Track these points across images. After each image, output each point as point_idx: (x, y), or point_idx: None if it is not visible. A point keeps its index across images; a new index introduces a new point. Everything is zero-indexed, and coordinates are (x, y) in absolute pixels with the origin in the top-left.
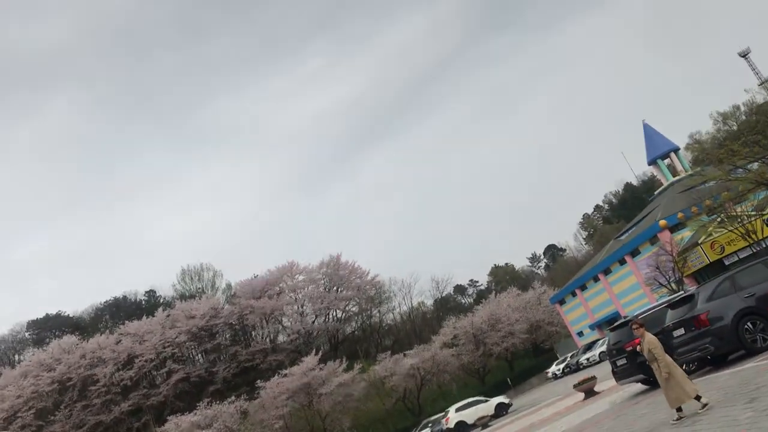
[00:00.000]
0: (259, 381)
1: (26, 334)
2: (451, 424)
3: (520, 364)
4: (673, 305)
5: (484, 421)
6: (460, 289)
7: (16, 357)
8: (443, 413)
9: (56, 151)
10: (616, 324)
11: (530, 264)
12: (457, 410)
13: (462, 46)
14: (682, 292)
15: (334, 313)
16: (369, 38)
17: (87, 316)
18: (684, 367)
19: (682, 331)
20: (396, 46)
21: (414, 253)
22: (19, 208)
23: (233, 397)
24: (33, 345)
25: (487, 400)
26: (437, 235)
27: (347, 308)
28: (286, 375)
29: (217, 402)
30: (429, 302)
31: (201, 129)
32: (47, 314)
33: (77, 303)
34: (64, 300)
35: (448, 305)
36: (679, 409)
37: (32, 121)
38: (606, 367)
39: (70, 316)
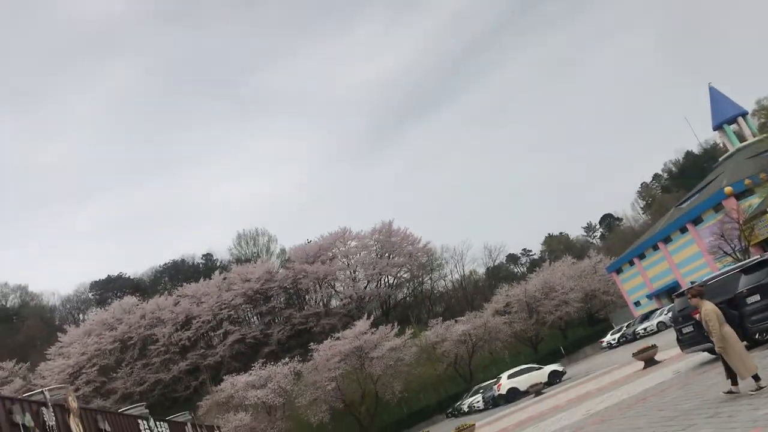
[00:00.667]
0: (312, 343)
1: (89, 294)
2: (503, 391)
3: (574, 333)
4: (747, 270)
5: (537, 389)
6: (512, 258)
7: (81, 316)
8: (495, 379)
9: (118, 120)
10: (682, 290)
11: (585, 233)
12: (510, 377)
13: (518, 11)
14: (758, 257)
15: (386, 279)
16: (423, 3)
17: (147, 278)
18: (758, 336)
19: (757, 297)
20: (450, 12)
21: (466, 222)
22: (83, 175)
23: (287, 359)
24: (96, 305)
25: (540, 368)
26: (490, 203)
27: (399, 275)
28: (338, 338)
29: (272, 363)
30: (481, 270)
31: (258, 97)
32: (109, 276)
33: (137, 265)
34: (125, 262)
35: (500, 274)
36: (756, 378)
37: (95, 91)
38: (664, 337)
39: (131, 277)
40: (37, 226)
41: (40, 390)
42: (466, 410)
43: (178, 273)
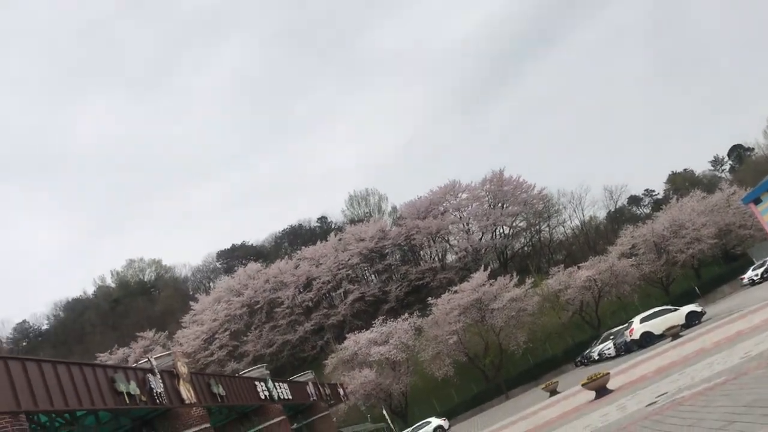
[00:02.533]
0: (430, 298)
1: (217, 263)
2: (636, 336)
3: (709, 271)
4: None
5: (674, 332)
6: (634, 200)
7: (210, 285)
8: (626, 324)
9: (236, 95)
10: None
11: (712, 168)
12: (642, 321)
13: None
14: None
15: (501, 230)
16: None
17: (268, 244)
18: None
19: None
20: None
21: (583, 164)
22: (205, 152)
23: (406, 315)
24: (223, 273)
25: (675, 309)
26: (607, 144)
27: (514, 224)
28: (456, 292)
29: (392, 319)
30: (601, 214)
31: (362, 58)
32: (233, 245)
33: (258, 233)
34: (247, 231)
35: (622, 217)
36: None
37: (211, 71)
38: None
39: (253, 245)
40: (167, 204)
41: (146, 359)
42: (596, 358)
43: (297, 237)
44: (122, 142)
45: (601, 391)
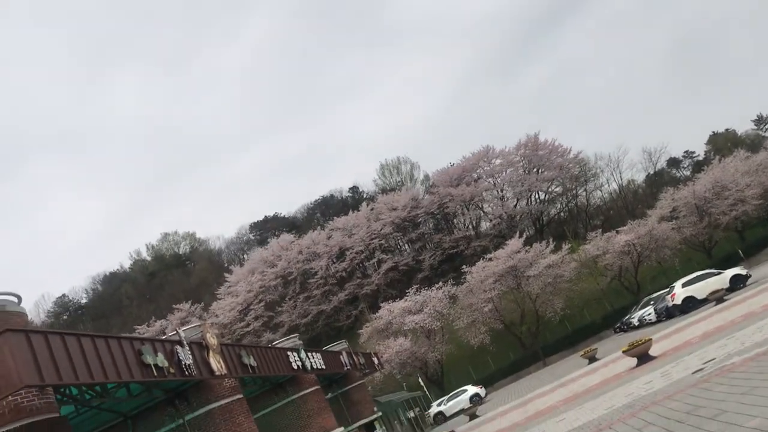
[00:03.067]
0: (464, 266)
1: (250, 235)
2: (678, 300)
3: (753, 233)
4: None
5: (718, 295)
6: (673, 163)
7: (244, 257)
8: (668, 289)
9: (266, 68)
10: None
11: (756, 127)
12: (684, 285)
13: None
14: None
15: (537, 195)
16: None
17: (300, 215)
18: None
19: None
20: None
21: (621, 126)
22: (237, 125)
23: (440, 283)
24: (257, 245)
25: (719, 273)
26: (644, 104)
27: (550, 189)
28: (491, 259)
29: (426, 288)
30: (640, 178)
31: (391, 27)
32: (266, 216)
33: (290, 205)
34: (279, 203)
35: (661, 180)
36: None
37: (239, 44)
38: None
39: (285, 216)
40: (200, 178)
41: (174, 332)
42: (636, 324)
43: (328, 208)
44: (156, 118)
45: (644, 358)
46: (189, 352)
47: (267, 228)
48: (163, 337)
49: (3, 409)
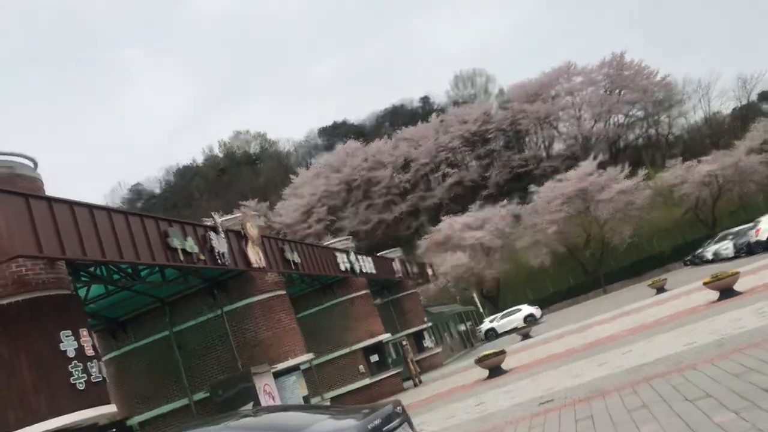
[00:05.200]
0: (532, 186)
1: (318, 140)
2: (762, 237)
3: None
4: None
5: None
6: (765, 97)
7: (311, 160)
8: (751, 224)
9: None
10: None
11: None
12: None
13: None
14: None
15: (615, 119)
16: None
17: (368, 123)
18: None
19: None
20: None
21: (714, 50)
22: (315, 29)
23: (505, 201)
24: (324, 150)
25: None
26: (744, 30)
27: (630, 113)
28: (561, 180)
29: (490, 205)
30: (728, 108)
31: None
32: (335, 122)
33: (359, 111)
34: (348, 109)
35: (750, 115)
36: None
37: None
38: None
39: (354, 123)
40: (275, 81)
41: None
42: (711, 258)
43: (398, 117)
44: (236, 18)
45: (727, 293)
46: (224, 240)
47: (335, 134)
48: (196, 222)
49: (5, 280)
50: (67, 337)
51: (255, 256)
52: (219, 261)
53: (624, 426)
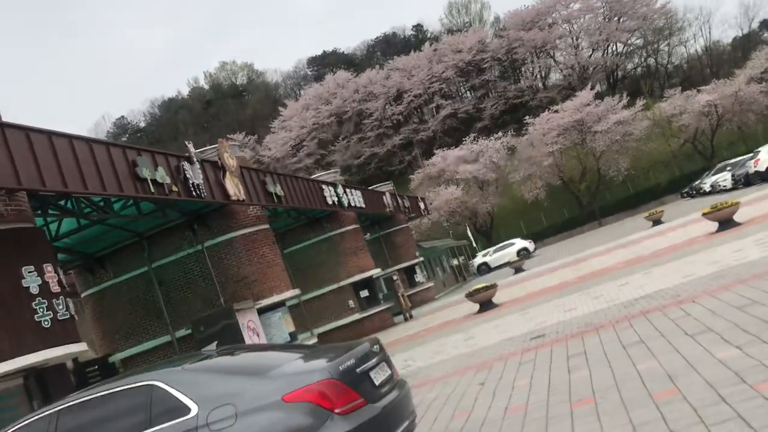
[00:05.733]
0: (527, 117)
1: (307, 70)
2: (761, 167)
3: None
4: None
5: None
6: (766, 25)
7: (300, 92)
8: (750, 155)
9: None
10: None
11: None
12: None
13: None
14: None
15: (614, 47)
16: None
17: (359, 52)
18: None
19: None
20: None
21: None
22: None
23: (500, 134)
24: (313, 81)
25: None
26: None
27: (629, 41)
28: (557, 111)
29: (484, 138)
30: (729, 37)
31: None
32: (324, 51)
33: (350, 40)
34: (339, 38)
35: (750, 45)
36: None
37: None
38: None
39: (344, 52)
40: (262, 8)
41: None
42: (708, 190)
43: (390, 47)
44: None
45: (727, 224)
46: (199, 171)
47: (325, 64)
48: (170, 151)
49: None
50: (29, 272)
51: (234, 188)
52: (194, 193)
53: (619, 362)
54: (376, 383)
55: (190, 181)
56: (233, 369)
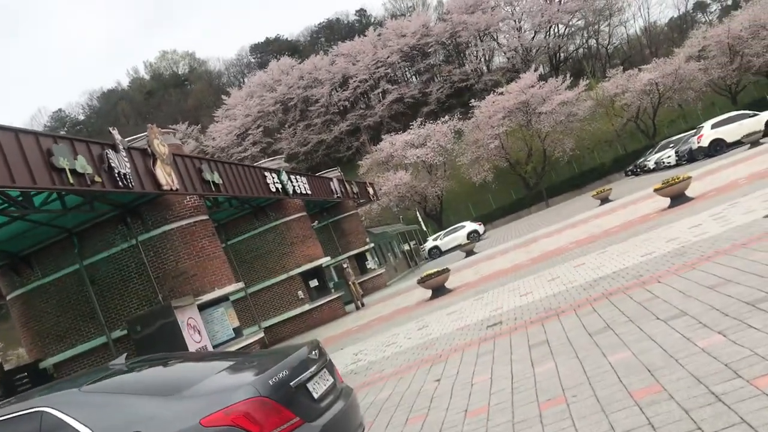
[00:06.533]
0: (473, 101)
1: (250, 58)
2: (704, 143)
3: None
4: None
5: (753, 138)
6: (700, 6)
7: (244, 80)
8: (693, 131)
9: None
10: None
11: None
12: (714, 126)
13: None
14: None
15: (556, 29)
16: None
17: (303, 39)
18: None
19: None
20: None
21: None
22: None
23: (446, 118)
24: (257, 68)
25: (754, 114)
26: None
27: (571, 22)
28: (502, 93)
29: (431, 122)
30: (666, 17)
31: None
32: (267, 38)
33: (293, 26)
34: (282, 24)
35: (685, 25)
36: None
37: None
38: None
39: (288, 39)
40: None
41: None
42: (652, 167)
43: (333, 33)
44: None
45: (679, 199)
46: (126, 159)
47: (268, 51)
48: (91, 138)
49: None
50: None
51: (165, 177)
52: (120, 183)
53: (587, 353)
54: (315, 396)
55: (116, 171)
56: (143, 388)
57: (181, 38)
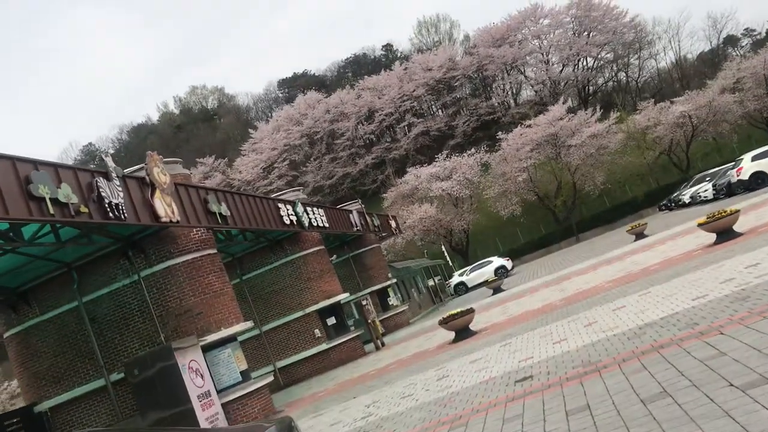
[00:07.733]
0: (500, 133)
1: (278, 92)
2: (745, 176)
3: None
4: None
5: None
6: (730, 41)
7: (271, 114)
8: (732, 163)
9: None
10: None
11: None
12: (755, 158)
13: None
14: None
15: (585, 62)
16: None
17: (330, 73)
18: None
19: None
20: None
21: None
22: None
23: (473, 150)
24: (284, 102)
25: None
26: None
27: (600, 55)
28: (530, 126)
29: (457, 155)
30: (697, 50)
31: None
32: (294, 73)
33: (321, 62)
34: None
35: (716, 59)
36: None
37: None
38: None
39: (315, 74)
40: (233, 33)
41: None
42: (687, 201)
43: (360, 67)
44: None
45: (725, 234)
46: (119, 188)
47: (295, 85)
48: (80, 165)
49: None
50: None
51: (165, 208)
52: (112, 214)
53: (643, 428)
54: None
55: (106, 201)
56: None
57: (211, 74)
